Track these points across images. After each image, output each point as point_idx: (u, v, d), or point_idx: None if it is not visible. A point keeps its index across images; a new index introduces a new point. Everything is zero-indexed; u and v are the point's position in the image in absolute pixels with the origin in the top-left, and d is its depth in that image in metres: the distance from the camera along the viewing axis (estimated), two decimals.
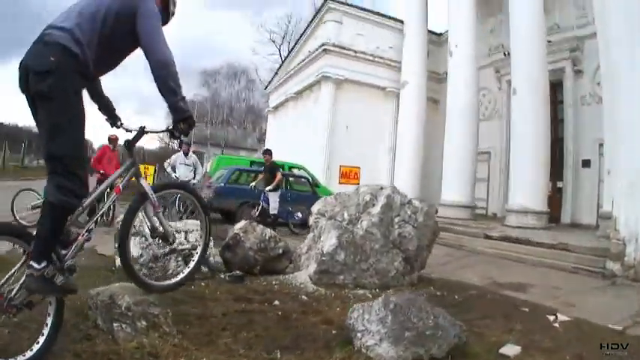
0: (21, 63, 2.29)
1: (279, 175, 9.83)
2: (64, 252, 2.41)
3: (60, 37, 2.28)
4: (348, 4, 17.86)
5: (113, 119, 2.83)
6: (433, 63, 16.97)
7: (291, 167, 15.42)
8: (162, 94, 2.47)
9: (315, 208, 5.54)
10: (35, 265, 2.23)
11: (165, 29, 2.61)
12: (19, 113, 68.24)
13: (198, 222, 3.66)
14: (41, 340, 2.38)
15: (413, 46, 16.44)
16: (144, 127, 2.74)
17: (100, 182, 2.68)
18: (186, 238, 4.78)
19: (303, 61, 19.58)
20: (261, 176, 10.26)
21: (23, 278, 2.25)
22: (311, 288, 4.73)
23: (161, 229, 2.98)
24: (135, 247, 4.51)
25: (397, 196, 5.32)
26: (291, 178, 13.24)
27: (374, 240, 4.99)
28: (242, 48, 65.04)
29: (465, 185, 12.28)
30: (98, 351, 2.55)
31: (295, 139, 20.15)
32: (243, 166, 13.94)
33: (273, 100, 25.55)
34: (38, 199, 8.03)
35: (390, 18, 18.04)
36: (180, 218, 7.38)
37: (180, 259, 4.68)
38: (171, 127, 2.60)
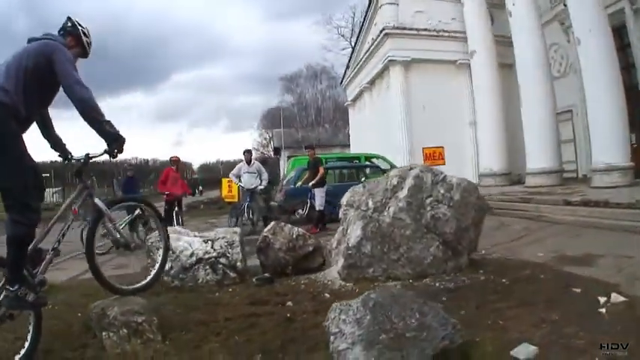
0: None
1: (321, 170, 9.63)
2: (34, 270, 2.84)
3: None
4: None
5: (64, 154, 3.16)
6: (500, 27, 15.53)
7: (368, 158, 15.24)
8: (89, 125, 2.78)
9: (344, 200, 5.22)
10: (10, 288, 2.64)
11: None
12: None
13: (223, 230, 4.42)
14: (26, 344, 2.81)
15: (473, 12, 15.42)
16: (88, 154, 3.04)
17: (167, 203, 3.08)
18: (212, 247, 4.82)
19: (368, 50, 19.16)
20: (306, 174, 10.18)
21: (1, 297, 2.67)
22: (338, 284, 4.47)
23: (122, 239, 3.42)
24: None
25: (427, 175, 4.81)
26: (366, 170, 12.95)
27: (403, 226, 4.55)
28: (316, 49, 65.55)
29: (549, 149, 11.35)
30: (85, 357, 2.89)
31: (375, 128, 19.84)
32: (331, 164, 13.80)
33: (350, 94, 25.40)
34: None
35: None
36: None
37: (207, 267, 4.74)
38: (107, 149, 2.87)
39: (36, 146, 2.93)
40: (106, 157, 2.94)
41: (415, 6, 16.75)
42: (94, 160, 3.05)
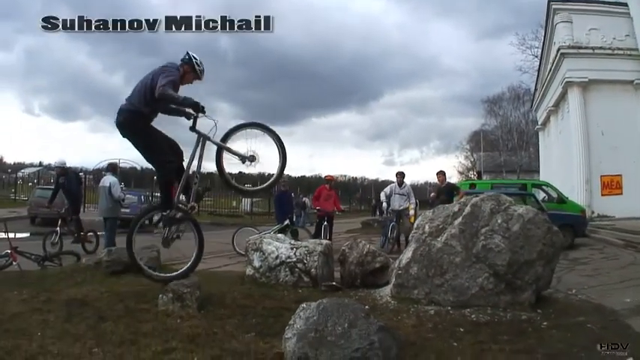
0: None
1: (462, 194, 9.31)
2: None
3: (124, 105, 4.30)
4: (571, 0, 15.71)
5: (187, 116, 4.47)
6: None
7: (535, 185, 14.19)
8: (177, 106, 4.35)
9: (416, 223, 5.51)
10: (163, 213, 4.50)
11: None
12: None
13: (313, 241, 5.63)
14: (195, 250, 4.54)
15: None
16: (196, 115, 4.34)
17: (319, 217, 7.24)
18: (294, 253, 5.71)
19: (550, 70, 18.06)
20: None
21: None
22: (384, 300, 4.84)
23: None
24: (257, 261, 5.79)
25: (487, 204, 4.81)
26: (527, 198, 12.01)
27: (453, 253, 4.68)
28: (513, 71, 60.67)
29: None
30: (145, 308, 4.11)
31: (558, 154, 18.58)
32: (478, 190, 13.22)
33: (539, 117, 23.99)
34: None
35: (616, 3, 15.30)
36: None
37: (287, 269, 5.65)
38: (196, 114, 4.27)
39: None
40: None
41: (589, 23, 15.44)
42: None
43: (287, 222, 9.94)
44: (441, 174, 10.21)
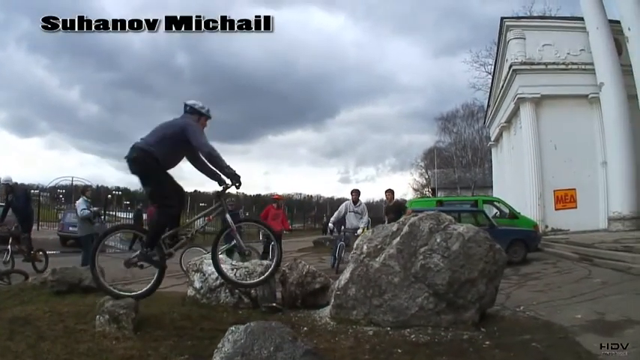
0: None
1: (409, 212, 9.27)
2: (171, 247, 4.55)
3: (139, 144, 4.31)
4: (524, 17, 16.30)
5: (220, 182, 4.57)
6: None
7: (486, 201, 14.50)
8: (216, 168, 4.39)
9: (355, 243, 5.41)
10: (145, 248, 4.35)
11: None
12: None
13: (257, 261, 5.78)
14: (145, 288, 4.52)
15: (598, 41, 13.92)
16: (226, 184, 4.53)
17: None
18: (234, 274, 5.45)
19: (502, 87, 18.45)
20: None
21: (138, 252, 4.43)
22: (324, 322, 4.68)
23: (242, 247, 5.05)
24: (197, 282, 5.54)
25: (427, 223, 4.72)
26: (478, 214, 12.10)
27: (391, 273, 4.56)
28: (466, 88, 62.46)
29: None
30: (84, 328, 4.02)
31: (511, 169, 18.97)
32: (430, 207, 13.14)
33: (492, 133, 24.43)
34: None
35: (571, 18, 16.01)
36: None
37: (227, 290, 5.42)
38: (232, 183, 4.42)
39: None
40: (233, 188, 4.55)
41: (542, 39, 15.76)
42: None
43: (234, 242, 9.69)
44: (390, 192, 10.19)
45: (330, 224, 10.81)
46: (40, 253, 9.49)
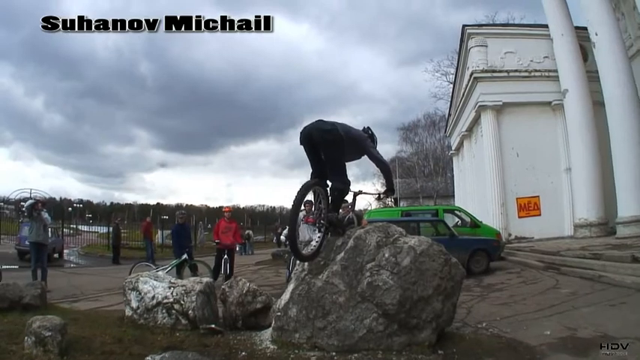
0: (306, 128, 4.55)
1: (364, 223, 8.93)
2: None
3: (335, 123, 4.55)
4: (486, 25, 16.35)
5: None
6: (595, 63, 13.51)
7: (447, 210, 14.29)
8: (386, 181, 4.93)
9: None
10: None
11: None
12: None
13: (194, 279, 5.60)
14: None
15: (563, 48, 14.00)
16: (361, 190, 5.20)
17: (218, 250, 9.24)
18: (171, 293, 5.04)
19: (463, 96, 18.40)
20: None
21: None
22: (264, 345, 4.29)
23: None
24: (134, 301, 5.13)
25: (374, 236, 4.35)
26: (438, 224, 11.72)
27: (336, 292, 4.15)
28: (428, 97, 63.61)
29: None
30: (13, 349, 3.85)
31: (472, 178, 18.97)
32: (389, 218, 12.48)
33: (453, 142, 24.48)
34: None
35: (535, 26, 15.99)
36: None
37: (164, 311, 4.97)
38: (384, 192, 4.99)
39: None
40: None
41: (505, 47, 15.77)
42: None
43: (185, 256, 9.34)
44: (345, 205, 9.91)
45: (282, 237, 10.53)
46: None
